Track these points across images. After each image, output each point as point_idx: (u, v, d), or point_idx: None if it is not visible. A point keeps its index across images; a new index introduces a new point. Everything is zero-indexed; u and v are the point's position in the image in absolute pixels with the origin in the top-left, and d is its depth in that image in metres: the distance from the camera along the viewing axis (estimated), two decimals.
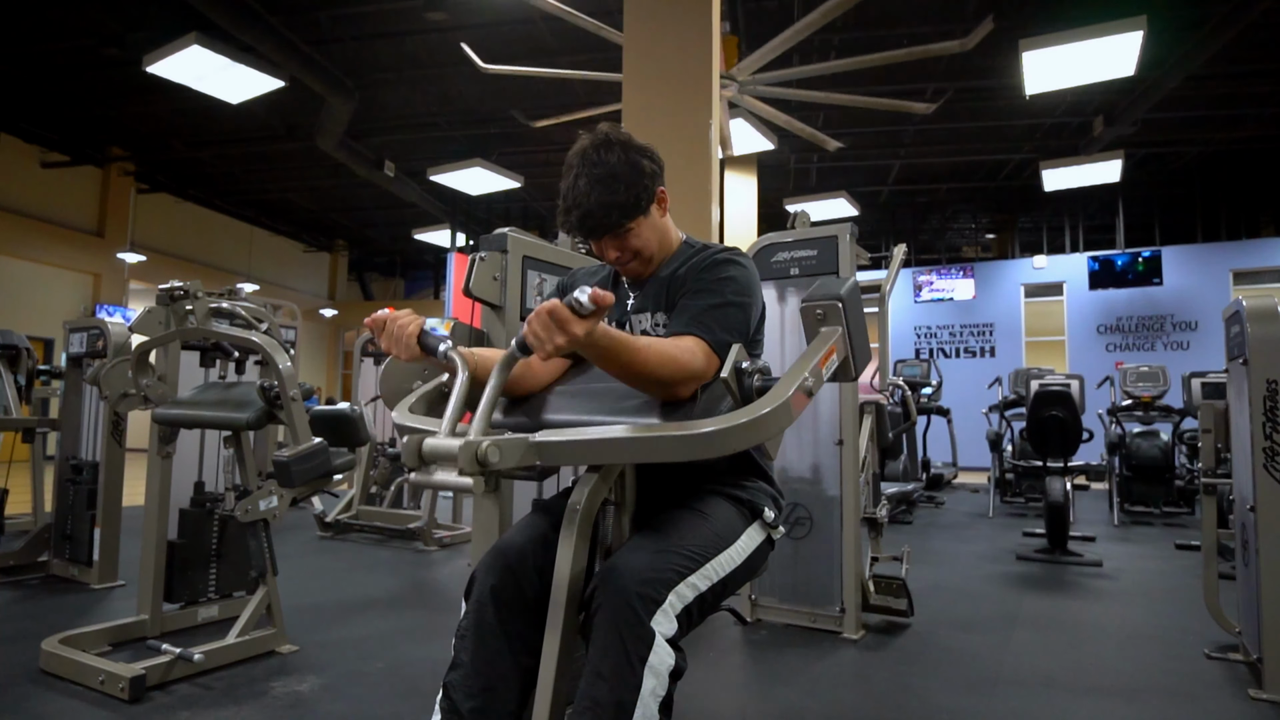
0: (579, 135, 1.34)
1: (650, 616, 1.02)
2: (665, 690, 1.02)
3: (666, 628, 1.04)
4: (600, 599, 1.04)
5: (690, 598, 1.09)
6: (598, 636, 1.02)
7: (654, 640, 1.02)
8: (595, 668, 1.01)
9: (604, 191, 1.26)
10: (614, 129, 1.33)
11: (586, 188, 1.27)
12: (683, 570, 1.09)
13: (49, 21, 6.99)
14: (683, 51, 3.78)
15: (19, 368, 3.89)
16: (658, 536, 1.13)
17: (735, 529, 1.23)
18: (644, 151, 1.33)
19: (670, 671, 1.03)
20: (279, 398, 2.22)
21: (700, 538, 1.15)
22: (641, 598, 1.03)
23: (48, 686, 2.15)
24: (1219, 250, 10.40)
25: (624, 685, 0.99)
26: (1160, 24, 5.88)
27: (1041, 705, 2.16)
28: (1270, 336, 2.24)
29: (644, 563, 1.06)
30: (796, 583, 2.91)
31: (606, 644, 1.01)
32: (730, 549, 1.19)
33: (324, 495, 5.23)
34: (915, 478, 6.43)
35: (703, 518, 1.20)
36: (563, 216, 1.32)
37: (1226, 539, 2.72)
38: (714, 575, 1.14)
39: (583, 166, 1.28)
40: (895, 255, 3.61)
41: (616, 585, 1.04)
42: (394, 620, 2.97)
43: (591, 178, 1.27)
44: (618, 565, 1.07)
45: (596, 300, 0.94)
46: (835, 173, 10.58)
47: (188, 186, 11.96)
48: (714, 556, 1.15)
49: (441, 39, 7.23)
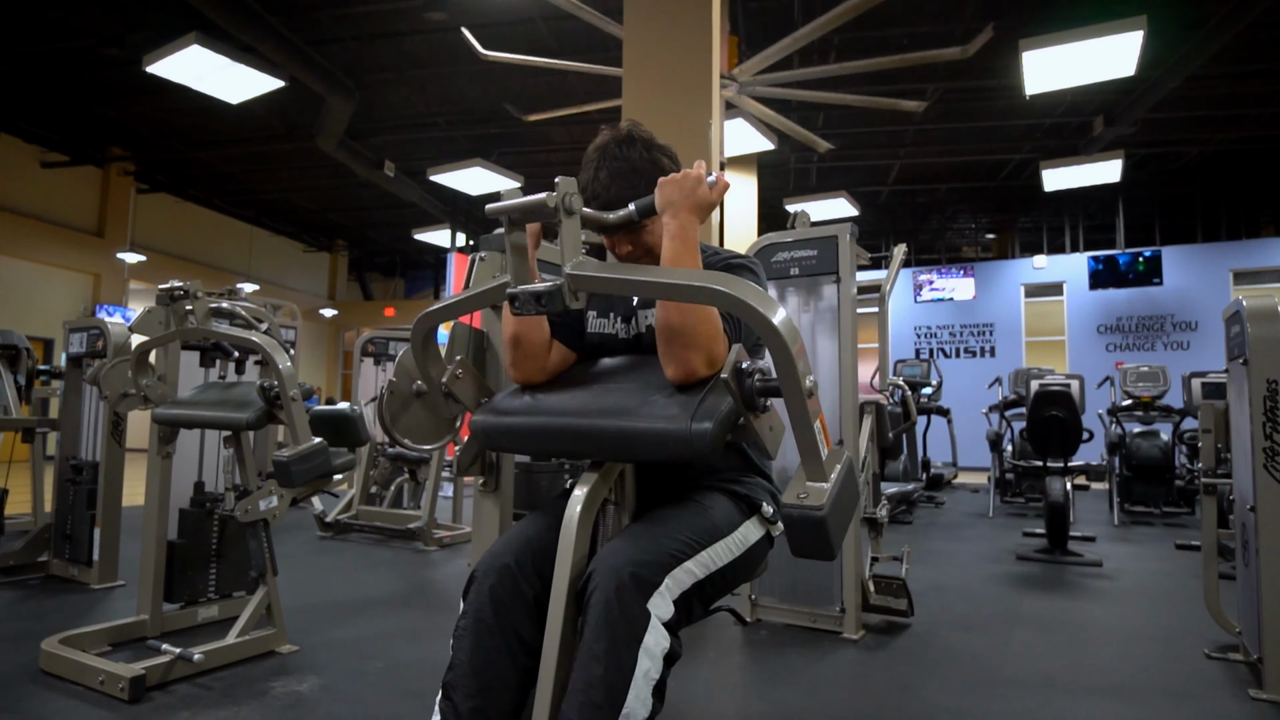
0: (600, 130, 1.36)
1: (646, 598, 1.02)
2: (659, 673, 1.02)
3: (663, 610, 1.04)
4: (595, 581, 1.04)
5: (688, 584, 1.09)
6: (592, 618, 1.02)
7: (649, 621, 1.01)
8: (589, 649, 1.01)
9: (624, 185, 1.28)
10: (636, 126, 1.35)
11: (608, 180, 1.29)
12: (678, 555, 1.09)
13: (49, 21, 6.99)
14: (683, 51, 3.78)
15: (19, 368, 3.89)
16: (654, 523, 1.14)
17: (733, 520, 1.23)
18: (665, 151, 1.35)
19: (665, 655, 1.02)
20: (279, 398, 2.22)
21: (696, 525, 1.15)
22: (636, 579, 1.02)
23: (48, 686, 2.15)
24: (1219, 250, 10.40)
25: (617, 666, 0.99)
26: (1160, 24, 5.88)
27: (1041, 705, 2.16)
28: (1270, 336, 2.24)
29: (640, 546, 1.06)
30: (796, 583, 2.91)
31: (600, 625, 1.00)
32: (728, 538, 1.19)
33: (324, 495, 5.23)
34: (915, 478, 6.43)
35: (700, 507, 1.20)
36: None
37: (1226, 539, 2.72)
38: (712, 563, 1.14)
39: (603, 160, 1.30)
40: (895, 255, 3.61)
41: (611, 566, 1.03)
42: (394, 620, 2.97)
43: (612, 171, 1.29)
44: (611, 550, 1.07)
45: (721, 183, 1.16)
46: (835, 173, 10.58)
47: (188, 186, 11.96)
48: (711, 544, 1.15)
49: (441, 39, 7.23)
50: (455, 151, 9.45)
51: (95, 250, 11.06)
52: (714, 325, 1.13)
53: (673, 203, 1.16)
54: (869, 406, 3.20)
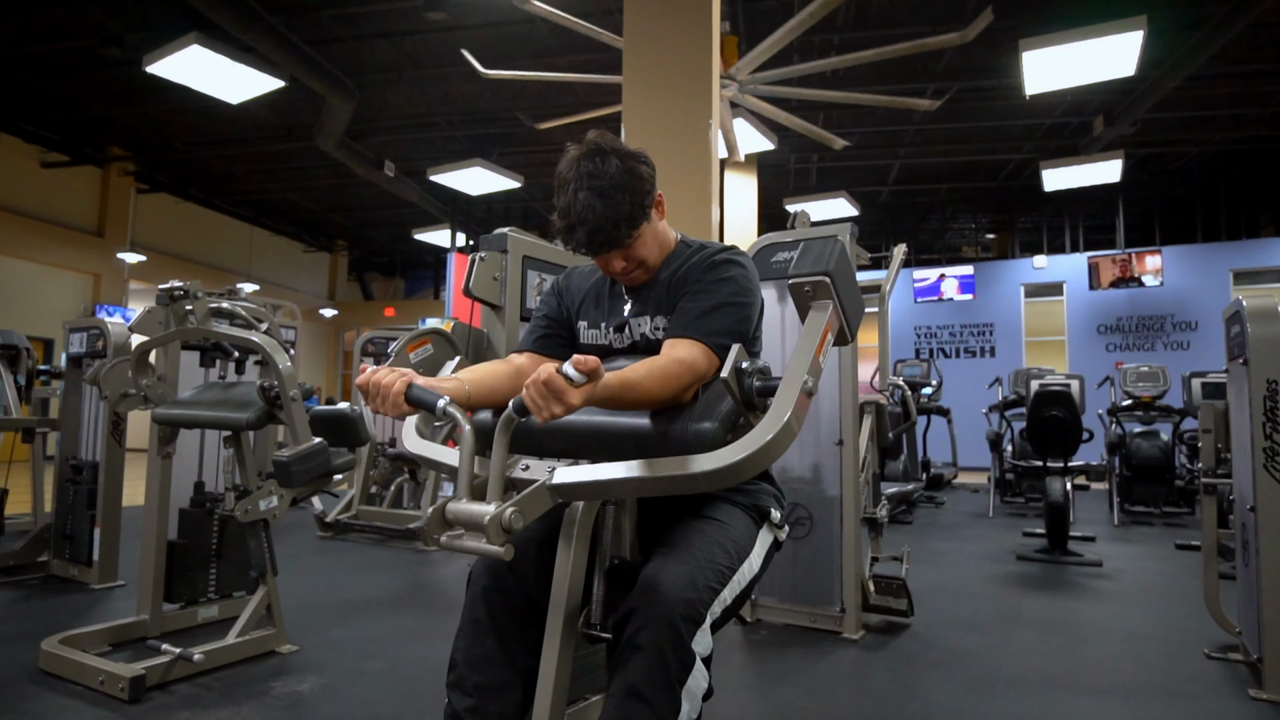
0: (566, 147, 1.29)
1: (692, 638, 1.02)
2: (697, 714, 1.03)
3: (704, 647, 1.04)
4: (642, 618, 1.02)
5: (719, 613, 1.09)
6: (639, 658, 1.00)
7: (694, 664, 1.01)
8: (633, 687, 1.00)
9: (607, 205, 1.22)
10: (602, 135, 1.29)
11: (588, 201, 1.22)
12: (716, 587, 1.09)
13: (49, 21, 6.99)
14: (683, 51, 3.78)
15: (19, 368, 3.89)
16: (688, 551, 1.11)
17: (752, 535, 1.22)
18: (637, 157, 1.28)
19: (703, 695, 1.04)
20: (279, 398, 2.22)
21: (726, 551, 1.14)
22: (685, 620, 1.02)
23: (48, 686, 2.15)
24: (1219, 250, 10.40)
25: (663, 708, 0.99)
26: (1160, 24, 5.88)
27: (1041, 705, 2.16)
28: (1270, 336, 2.24)
29: (684, 580, 1.05)
30: (796, 583, 2.91)
31: (650, 665, 0.99)
32: (750, 557, 1.19)
33: (324, 495, 5.23)
34: (915, 478, 6.43)
35: (723, 527, 1.18)
36: (565, 234, 1.27)
37: (1226, 539, 2.72)
38: (739, 585, 1.14)
39: (580, 180, 1.23)
40: (895, 255, 3.61)
41: (661, 606, 1.02)
42: (394, 620, 2.97)
43: (592, 190, 1.22)
44: (658, 583, 1.04)
45: (584, 369, 0.94)
46: (835, 173, 10.58)
47: (188, 186, 11.96)
48: (739, 567, 1.15)
49: (441, 39, 7.23)
50: (455, 151, 9.45)
51: (95, 250, 11.05)
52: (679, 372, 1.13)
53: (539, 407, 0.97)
54: (869, 406, 3.21)
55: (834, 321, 1.11)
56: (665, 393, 1.10)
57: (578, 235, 1.25)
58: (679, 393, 1.12)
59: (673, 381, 1.11)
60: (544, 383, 0.94)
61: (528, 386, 0.96)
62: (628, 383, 1.05)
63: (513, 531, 0.96)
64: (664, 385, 1.10)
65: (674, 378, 1.11)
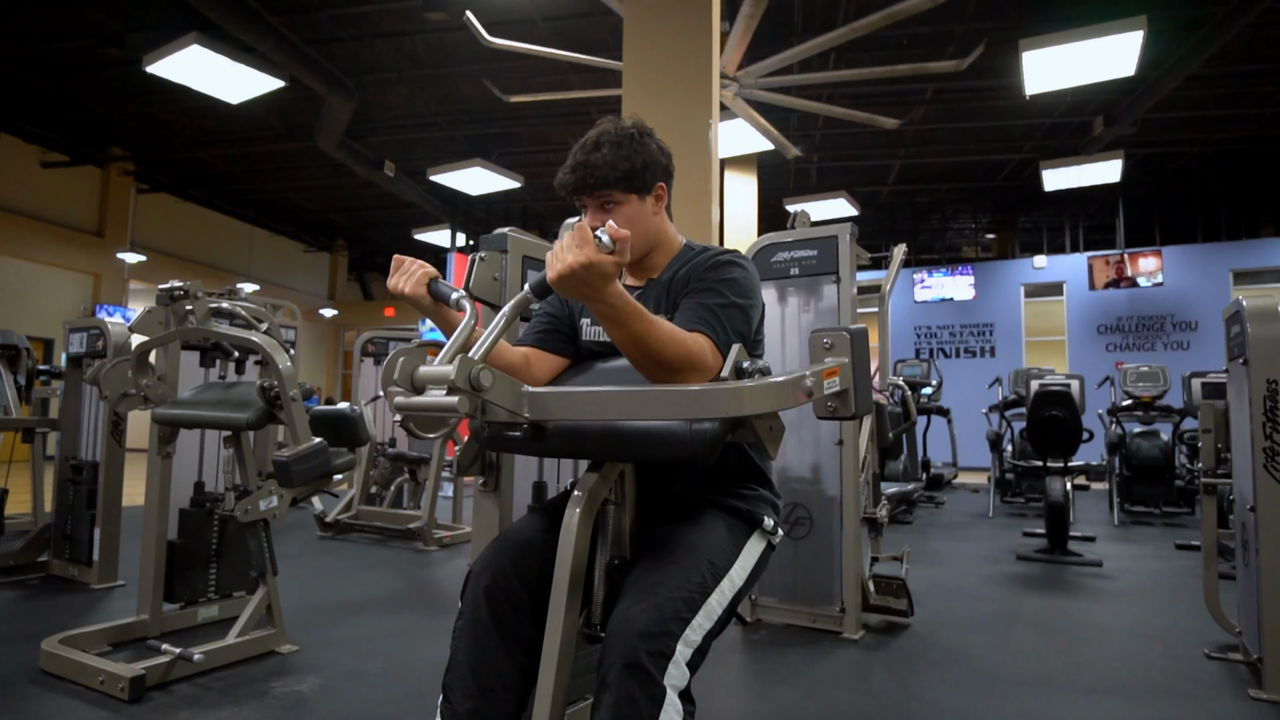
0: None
1: (663, 673, 1.01)
2: None
3: (679, 679, 1.03)
4: (611, 657, 1.01)
5: (698, 641, 1.07)
6: (607, 697, 1.00)
7: (664, 699, 1.00)
8: None
9: (611, 151, 1.28)
10: (642, 122, 1.36)
11: (594, 143, 1.29)
12: (686, 616, 1.07)
13: (49, 21, 6.99)
14: (683, 52, 3.78)
15: (19, 368, 3.89)
16: (658, 580, 1.09)
17: (737, 544, 1.21)
18: (662, 147, 1.35)
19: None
20: (279, 398, 2.22)
21: (701, 571, 1.12)
22: (651, 655, 1.00)
23: (48, 686, 2.15)
24: (1219, 250, 10.40)
25: None
26: (1160, 24, 5.88)
27: (1041, 705, 2.16)
28: (1270, 336, 2.24)
29: (650, 616, 1.03)
30: (796, 583, 2.91)
31: (618, 704, 0.98)
32: (732, 571, 1.17)
33: (324, 495, 5.23)
34: (915, 478, 6.43)
35: (702, 544, 1.16)
36: (563, 173, 1.32)
37: (1226, 539, 2.72)
38: (719, 607, 1.12)
39: (600, 134, 1.31)
40: (895, 255, 3.61)
41: (627, 644, 1.01)
42: (394, 620, 2.97)
43: (602, 138, 1.30)
44: (626, 619, 1.03)
45: (614, 236, 0.96)
46: (835, 173, 10.58)
47: (188, 186, 11.96)
48: (717, 586, 1.13)
49: (441, 39, 7.23)
50: (455, 151, 9.45)
51: (95, 250, 11.05)
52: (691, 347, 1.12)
53: (563, 250, 1.00)
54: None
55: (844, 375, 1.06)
56: (667, 352, 1.08)
57: (567, 169, 1.31)
58: (678, 364, 1.10)
59: (677, 347, 1.09)
60: (577, 229, 0.98)
61: (558, 241, 1.00)
62: (642, 312, 1.06)
63: (481, 389, 0.92)
64: (670, 344, 1.09)
65: (680, 344, 1.10)
